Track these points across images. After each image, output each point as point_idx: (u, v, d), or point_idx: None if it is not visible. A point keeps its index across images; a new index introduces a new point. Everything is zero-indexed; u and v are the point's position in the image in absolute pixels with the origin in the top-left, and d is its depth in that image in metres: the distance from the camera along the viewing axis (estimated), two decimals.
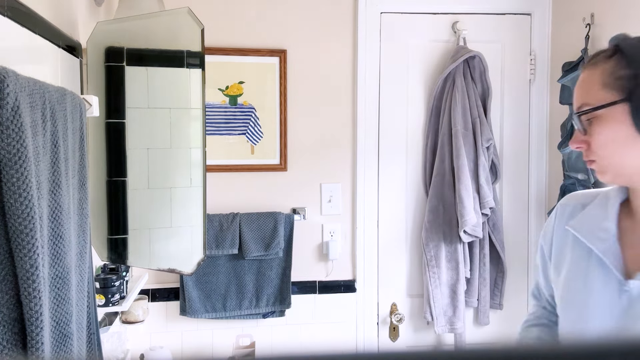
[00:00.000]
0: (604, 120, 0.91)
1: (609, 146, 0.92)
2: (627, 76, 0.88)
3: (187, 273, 1.60)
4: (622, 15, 1.97)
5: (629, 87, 0.88)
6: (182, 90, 1.57)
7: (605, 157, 0.93)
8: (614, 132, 0.90)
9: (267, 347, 2.30)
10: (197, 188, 1.55)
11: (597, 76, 0.93)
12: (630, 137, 0.89)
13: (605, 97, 0.91)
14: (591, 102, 0.93)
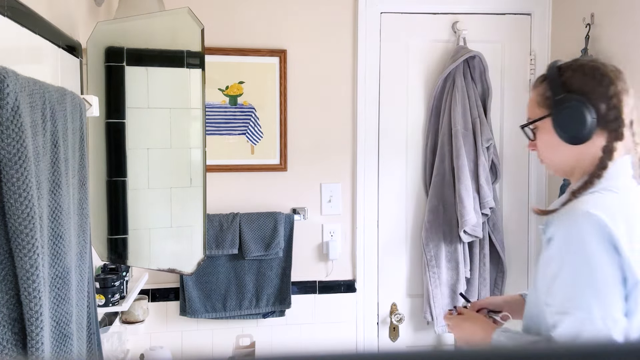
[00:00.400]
0: (541, 130, 1.23)
1: (547, 149, 1.23)
2: (549, 97, 1.19)
3: (187, 273, 1.60)
4: (622, 15, 1.97)
5: (551, 106, 1.19)
6: (182, 90, 1.57)
7: (546, 157, 1.25)
8: (547, 139, 1.22)
9: (267, 347, 2.30)
10: (197, 188, 1.55)
11: (535, 97, 1.25)
12: (556, 143, 1.20)
13: (538, 113, 1.22)
14: (531, 116, 1.25)
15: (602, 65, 1.19)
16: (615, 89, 1.16)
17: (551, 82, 1.20)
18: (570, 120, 1.16)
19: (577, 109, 1.15)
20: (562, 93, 1.17)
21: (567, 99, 1.16)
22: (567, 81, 1.18)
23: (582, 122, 1.15)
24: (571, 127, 1.16)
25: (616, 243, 1.06)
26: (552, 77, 1.20)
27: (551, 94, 1.19)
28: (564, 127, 1.17)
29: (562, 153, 1.21)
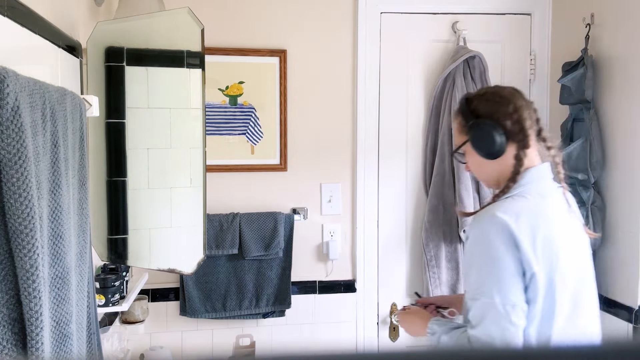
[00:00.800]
0: (467, 153, 1.42)
1: (476, 167, 1.43)
2: (465, 125, 1.40)
3: (187, 273, 1.60)
4: (622, 15, 1.97)
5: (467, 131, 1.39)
6: (182, 90, 1.57)
7: (477, 173, 1.45)
8: (473, 159, 1.41)
9: (267, 347, 2.30)
10: (197, 188, 1.55)
11: (456, 126, 1.45)
12: (480, 161, 1.39)
13: (462, 139, 1.42)
14: (457, 143, 1.44)
15: (501, 89, 1.40)
16: (515, 107, 1.35)
17: (463, 112, 1.41)
18: (483, 140, 1.36)
19: (487, 130, 1.35)
20: (472, 119, 1.38)
21: (477, 123, 1.36)
22: (475, 109, 1.39)
23: (493, 140, 1.34)
24: (485, 146, 1.36)
25: (517, 241, 1.25)
26: (463, 108, 1.41)
27: (465, 121, 1.40)
28: (480, 147, 1.37)
29: (487, 168, 1.40)
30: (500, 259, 1.25)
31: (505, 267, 1.25)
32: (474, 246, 1.31)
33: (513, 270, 1.25)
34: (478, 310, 1.27)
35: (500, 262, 1.25)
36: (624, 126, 1.97)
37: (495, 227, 1.27)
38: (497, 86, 1.44)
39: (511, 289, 1.25)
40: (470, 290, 1.30)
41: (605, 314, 2.04)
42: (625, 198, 1.96)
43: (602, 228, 2.04)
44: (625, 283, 1.96)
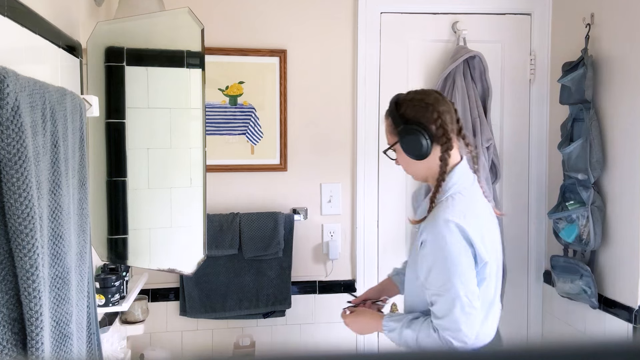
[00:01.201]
0: (397, 152, 1.57)
1: (405, 165, 1.58)
2: (395, 129, 1.54)
3: (187, 273, 1.60)
4: (622, 15, 1.97)
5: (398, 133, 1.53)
6: (182, 90, 1.57)
7: (408, 170, 1.60)
8: (402, 158, 1.56)
9: (267, 347, 2.30)
10: (197, 188, 1.55)
11: (387, 127, 1.58)
12: (409, 160, 1.54)
13: (392, 140, 1.56)
14: (389, 142, 1.58)
15: (426, 95, 1.54)
16: (438, 113, 1.50)
17: (392, 116, 1.54)
18: (411, 144, 1.51)
19: (415, 134, 1.50)
20: (401, 124, 1.52)
21: (406, 128, 1.51)
22: (404, 113, 1.52)
23: (420, 144, 1.50)
24: (414, 149, 1.51)
25: (470, 239, 1.44)
26: (393, 111, 1.55)
27: (394, 124, 1.54)
28: (409, 149, 1.52)
29: (416, 167, 1.56)
30: (459, 258, 1.44)
31: (464, 263, 1.45)
32: (433, 250, 1.46)
33: (470, 264, 1.46)
34: (444, 304, 1.45)
35: (459, 260, 1.44)
36: (624, 126, 1.97)
37: (450, 231, 1.44)
38: (423, 91, 1.58)
39: (471, 280, 1.46)
40: (434, 288, 1.47)
41: (605, 314, 2.04)
42: (625, 198, 1.96)
43: (602, 228, 2.04)
44: (625, 283, 1.96)
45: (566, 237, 2.14)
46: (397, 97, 1.58)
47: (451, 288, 1.44)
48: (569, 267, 2.13)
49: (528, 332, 2.50)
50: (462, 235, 1.44)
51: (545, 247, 2.45)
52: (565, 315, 2.32)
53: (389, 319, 1.58)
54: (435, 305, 1.48)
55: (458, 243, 1.45)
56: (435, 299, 1.48)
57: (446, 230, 1.44)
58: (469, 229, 1.44)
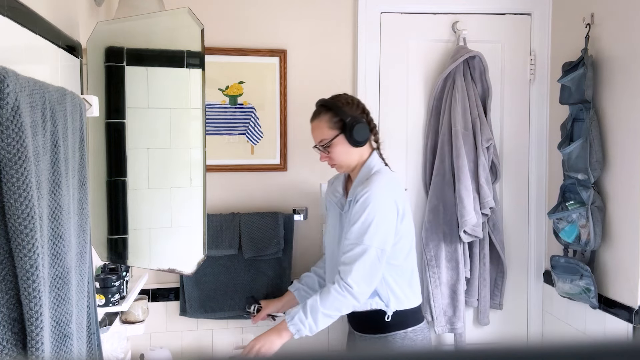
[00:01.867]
0: (336, 144, 1.81)
1: (341, 155, 1.82)
2: (337, 121, 1.80)
3: (187, 273, 1.60)
4: (622, 15, 1.97)
5: (341, 126, 1.79)
6: (182, 90, 1.57)
7: (340, 161, 1.84)
8: (341, 148, 1.81)
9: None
10: (197, 188, 1.55)
11: (324, 123, 1.82)
12: (348, 149, 1.81)
13: (332, 133, 1.81)
14: (326, 137, 1.82)
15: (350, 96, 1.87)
16: (365, 108, 1.86)
17: (336, 110, 1.79)
18: (360, 131, 1.78)
19: (362, 124, 1.79)
20: (346, 117, 1.78)
21: (354, 120, 1.78)
22: (347, 110, 1.80)
23: (366, 132, 1.81)
24: (361, 136, 1.79)
25: (397, 202, 1.76)
26: (335, 107, 1.80)
27: (338, 118, 1.79)
28: (357, 136, 1.78)
29: (353, 155, 1.83)
30: (386, 215, 1.72)
31: (388, 222, 1.73)
32: (363, 206, 1.71)
33: (393, 225, 1.75)
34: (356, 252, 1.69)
35: (385, 217, 1.72)
36: (624, 126, 1.97)
37: (383, 193, 1.73)
38: (346, 94, 1.88)
39: (388, 239, 1.74)
40: (352, 238, 1.72)
41: (605, 314, 2.04)
42: (625, 198, 1.96)
43: (602, 228, 2.04)
44: (625, 283, 1.96)
45: (566, 237, 2.14)
46: (326, 99, 1.85)
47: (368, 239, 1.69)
48: (569, 267, 2.13)
49: (528, 332, 2.50)
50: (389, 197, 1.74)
51: (545, 247, 2.45)
52: (565, 315, 2.32)
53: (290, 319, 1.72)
54: (347, 253, 1.72)
55: (385, 203, 1.73)
56: (350, 248, 1.72)
57: (377, 192, 1.72)
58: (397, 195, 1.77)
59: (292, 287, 2.08)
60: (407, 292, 1.84)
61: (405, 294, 1.83)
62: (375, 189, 1.73)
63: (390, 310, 1.81)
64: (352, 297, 1.70)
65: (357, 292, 1.70)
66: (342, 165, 1.86)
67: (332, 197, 1.95)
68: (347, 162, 1.84)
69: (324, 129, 1.82)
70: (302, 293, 2.04)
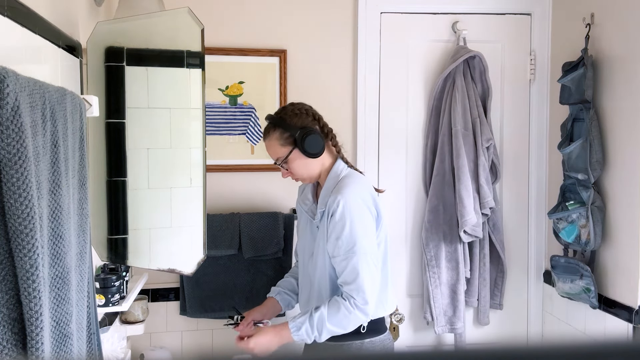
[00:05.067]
0: (292, 160, 1.73)
1: (300, 169, 1.75)
2: (288, 137, 1.71)
3: (187, 273, 1.60)
4: (622, 15, 1.97)
5: (292, 141, 1.71)
6: (182, 90, 1.57)
7: (301, 174, 1.76)
8: (299, 162, 1.73)
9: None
10: (197, 188, 1.55)
11: (275, 141, 1.73)
12: (306, 162, 1.73)
13: (285, 150, 1.72)
14: (281, 155, 1.73)
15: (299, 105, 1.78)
16: (316, 115, 1.78)
17: (284, 126, 1.72)
18: (312, 142, 1.70)
19: (313, 134, 1.70)
20: (297, 130, 1.70)
21: (304, 132, 1.70)
22: (291, 123, 1.72)
23: (320, 142, 1.71)
24: (315, 147, 1.70)
25: (374, 204, 1.71)
26: (282, 123, 1.72)
27: (288, 133, 1.71)
28: (311, 148, 1.70)
29: (313, 166, 1.75)
30: (364, 222, 1.66)
31: (369, 227, 1.68)
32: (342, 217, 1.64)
33: (373, 227, 1.70)
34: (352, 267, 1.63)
35: (364, 224, 1.66)
36: (624, 126, 1.97)
37: (355, 200, 1.67)
38: (292, 104, 1.80)
39: (373, 243, 1.69)
40: (342, 253, 1.65)
41: (605, 314, 2.04)
42: (625, 198, 1.96)
43: (602, 228, 2.04)
44: (625, 283, 1.96)
45: (566, 237, 2.14)
46: (273, 115, 1.78)
47: (357, 250, 1.63)
48: (569, 267, 2.13)
49: (528, 332, 2.50)
50: (368, 202, 1.70)
51: (545, 247, 2.45)
52: (565, 315, 2.32)
53: (293, 320, 1.67)
54: (345, 270, 1.65)
55: (362, 208, 1.68)
56: (344, 265, 1.65)
57: (352, 199, 1.66)
58: (370, 198, 1.71)
59: (272, 292, 1.98)
60: (383, 300, 1.76)
61: (381, 302, 1.75)
62: (348, 197, 1.65)
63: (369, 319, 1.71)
64: (362, 314, 1.64)
65: (369, 309, 1.64)
66: (305, 178, 1.79)
67: (302, 205, 1.87)
68: (309, 174, 1.76)
69: (276, 147, 1.74)
70: (284, 296, 1.97)
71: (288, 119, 1.73)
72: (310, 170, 1.76)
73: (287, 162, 1.74)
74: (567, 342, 0.34)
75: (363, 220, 1.66)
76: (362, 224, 1.66)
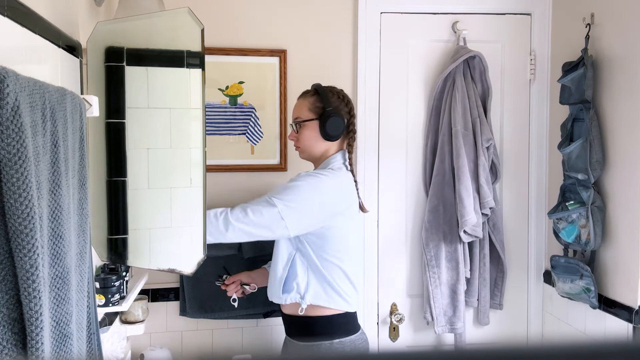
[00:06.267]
0: (307, 127, 1.80)
1: (307, 140, 1.80)
2: (319, 107, 1.78)
3: (187, 273, 1.60)
4: (622, 15, 1.97)
5: (319, 113, 1.78)
6: (182, 90, 1.56)
7: (305, 145, 1.82)
8: (310, 134, 1.80)
9: (267, 347, 2.30)
10: (197, 188, 1.55)
11: (306, 103, 1.81)
12: (316, 138, 1.80)
13: (309, 115, 1.80)
14: (302, 117, 1.81)
15: (347, 95, 1.85)
16: (354, 113, 1.85)
17: (323, 97, 1.78)
18: (332, 125, 1.76)
19: (339, 120, 1.77)
20: (329, 107, 1.76)
21: (332, 111, 1.76)
22: (334, 102, 1.78)
23: (339, 129, 1.78)
24: (333, 130, 1.76)
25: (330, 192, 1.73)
26: (324, 95, 1.78)
27: (321, 105, 1.77)
28: (329, 129, 1.75)
29: (319, 145, 1.80)
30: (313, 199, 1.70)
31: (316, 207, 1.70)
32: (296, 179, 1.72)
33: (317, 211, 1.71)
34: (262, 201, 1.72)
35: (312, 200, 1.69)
36: (624, 126, 1.97)
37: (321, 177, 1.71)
38: (341, 90, 1.86)
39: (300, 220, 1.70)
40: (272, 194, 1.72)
41: (605, 314, 2.04)
42: (625, 198, 1.96)
43: (602, 228, 2.04)
44: (625, 283, 1.96)
45: (566, 237, 2.14)
46: (322, 85, 1.83)
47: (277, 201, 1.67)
48: (569, 267, 2.13)
49: (528, 332, 2.50)
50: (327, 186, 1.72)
51: (545, 247, 2.45)
52: (565, 315, 2.32)
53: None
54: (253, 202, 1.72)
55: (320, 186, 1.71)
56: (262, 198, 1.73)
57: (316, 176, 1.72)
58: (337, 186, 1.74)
59: (267, 265, 2.05)
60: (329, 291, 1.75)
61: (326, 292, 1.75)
62: (316, 174, 1.73)
63: (305, 303, 1.74)
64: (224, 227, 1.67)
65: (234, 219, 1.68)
66: (305, 151, 1.84)
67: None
68: (311, 149, 1.82)
69: (303, 108, 1.82)
70: None
71: (330, 96, 1.80)
72: (314, 147, 1.82)
73: (301, 127, 1.81)
74: (567, 342, 0.34)
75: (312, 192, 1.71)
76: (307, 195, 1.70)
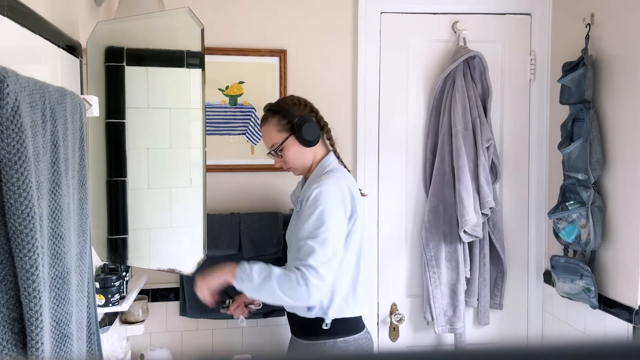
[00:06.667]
0: (287, 148, 1.79)
1: (295, 158, 1.81)
2: (285, 123, 1.78)
3: (187, 273, 1.60)
4: (622, 15, 1.97)
5: (289, 128, 1.78)
6: (182, 90, 1.57)
7: (294, 163, 1.82)
8: (294, 150, 1.79)
9: (267, 347, 2.30)
10: (197, 188, 1.55)
11: (273, 127, 1.80)
12: (301, 150, 1.80)
13: (282, 136, 1.79)
14: (277, 141, 1.80)
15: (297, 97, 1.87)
16: (316, 109, 1.86)
17: (283, 113, 1.79)
18: (309, 130, 1.77)
19: (311, 123, 1.78)
20: (294, 117, 1.77)
21: (301, 120, 1.76)
22: (294, 111, 1.79)
23: (316, 131, 1.78)
24: (311, 134, 1.77)
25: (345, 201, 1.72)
26: (281, 110, 1.79)
27: (286, 119, 1.77)
28: (307, 136, 1.77)
29: (306, 155, 1.81)
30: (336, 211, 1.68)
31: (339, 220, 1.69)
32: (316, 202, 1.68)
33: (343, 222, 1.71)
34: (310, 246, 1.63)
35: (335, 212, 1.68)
36: (624, 126, 1.97)
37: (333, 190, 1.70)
38: (291, 95, 1.89)
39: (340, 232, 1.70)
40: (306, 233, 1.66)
41: (605, 314, 2.04)
42: (625, 198, 1.96)
43: (602, 228, 2.04)
44: (625, 283, 1.96)
45: (566, 237, 2.14)
46: (273, 103, 1.86)
47: (321, 234, 1.64)
48: (569, 267, 2.13)
49: (528, 332, 2.50)
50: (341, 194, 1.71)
51: (545, 247, 2.45)
52: (565, 315, 2.32)
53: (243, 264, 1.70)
54: (301, 249, 1.66)
55: (336, 200, 1.70)
56: (303, 244, 1.66)
57: (328, 189, 1.70)
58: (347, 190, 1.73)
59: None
60: (349, 300, 1.76)
61: (346, 301, 1.75)
62: (325, 186, 1.70)
63: (329, 317, 1.73)
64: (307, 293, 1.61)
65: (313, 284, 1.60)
66: (297, 168, 1.84)
67: (292, 196, 1.96)
68: (301, 163, 1.82)
69: (273, 133, 1.80)
70: None
71: (287, 107, 1.80)
72: (303, 160, 1.81)
73: (282, 149, 1.79)
74: (567, 342, 0.34)
75: (334, 211, 1.69)
76: (332, 214, 1.68)
